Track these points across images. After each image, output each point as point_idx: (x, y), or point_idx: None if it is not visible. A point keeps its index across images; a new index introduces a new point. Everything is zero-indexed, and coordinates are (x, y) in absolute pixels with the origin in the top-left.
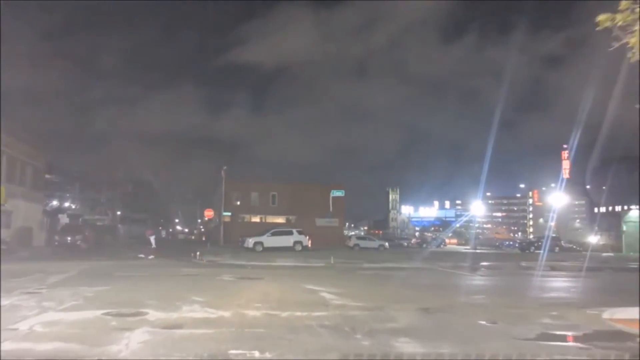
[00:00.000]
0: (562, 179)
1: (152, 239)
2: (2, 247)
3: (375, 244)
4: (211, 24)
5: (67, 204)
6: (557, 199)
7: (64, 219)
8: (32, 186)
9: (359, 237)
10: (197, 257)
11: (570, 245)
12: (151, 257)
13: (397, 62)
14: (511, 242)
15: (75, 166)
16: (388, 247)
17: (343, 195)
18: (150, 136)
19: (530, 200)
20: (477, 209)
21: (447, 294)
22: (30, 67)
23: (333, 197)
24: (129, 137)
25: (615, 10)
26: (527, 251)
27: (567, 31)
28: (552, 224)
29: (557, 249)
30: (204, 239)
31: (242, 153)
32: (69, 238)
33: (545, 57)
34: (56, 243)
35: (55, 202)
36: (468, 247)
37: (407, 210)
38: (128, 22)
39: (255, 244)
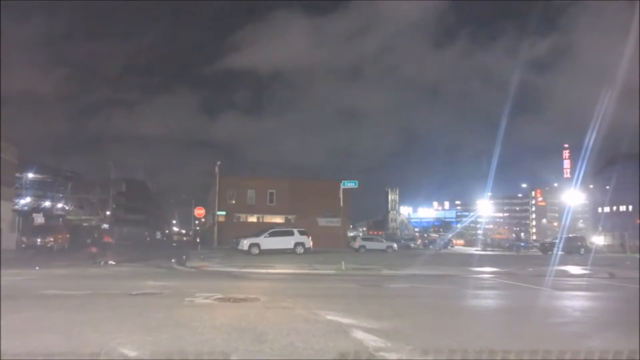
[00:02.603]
0: (578, 176)
1: (106, 242)
2: None
3: (382, 245)
4: (208, 30)
5: (48, 203)
6: (572, 197)
7: (40, 219)
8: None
9: (365, 238)
10: (180, 263)
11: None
12: (101, 262)
13: (392, 66)
14: (523, 243)
15: (71, 167)
16: (396, 248)
17: (356, 186)
18: (148, 139)
19: (533, 200)
20: (484, 208)
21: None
22: (30, 71)
23: (344, 189)
24: (126, 140)
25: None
26: (549, 252)
27: (571, 29)
28: (580, 223)
29: (582, 250)
30: (197, 240)
31: (239, 156)
32: (38, 240)
33: (548, 54)
34: (23, 245)
35: (28, 200)
36: (478, 249)
37: (405, 210)
38: (127, 29)
39: (251, 246)
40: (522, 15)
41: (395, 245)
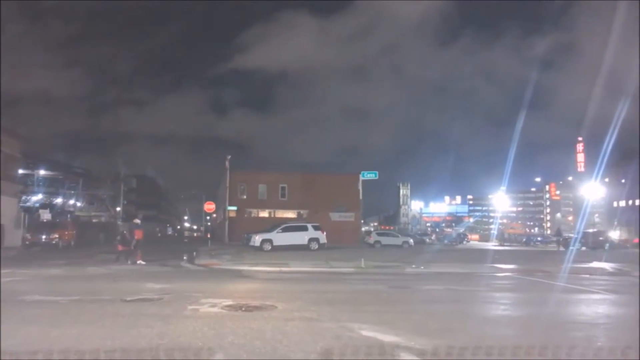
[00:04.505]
0: (599, 169)
1: (135, 240)
2: None
3: (398, 240)
4: (216, 31)
5: (59, 200)
6: (591, 190)
7: (46, 215)
8: (2, 177)
9: (380, 234)
10: (188, 260)
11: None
12: (129, 262)
13: (398, 63)
14: (540, 238)
15: (83, 164)
16: (413, 244)
17: (376, 177)
18: (158, 136)
19: (547, 195)
20: (499, 203)
21: None
22: (45, 72)
23: (363, 181)
24: (137, 137)
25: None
26: (570, 248)
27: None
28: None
29: (607, 245)
30: (208, 236)
31: (248, 153)
32: (43, 236)
33: (556, 50)
34: (27, 242)
35: (39, 197)
36: (495, 244)
37: (417, 205)
38: (138, 30)
39: (263, 242)
40: (529, 11)
41: (411, 240)
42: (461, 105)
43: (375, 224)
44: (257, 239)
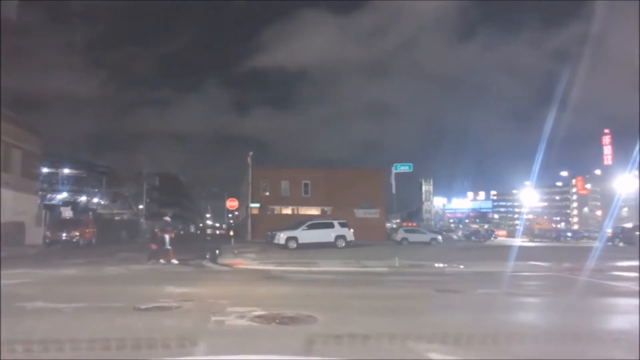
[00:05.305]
0: (634, 161)
1: (167, 238)
2: None
3: (426, 237)
4: (236, 30)
5: (83, 198)
6: (624, 183)
7: (68, 213)
8: (21, 174)
9: (408, 230)
10: (211, 258)
11: None
12: (162, 261)
13: (418, 59)
14: (570, 234)
15: (107, 163)
16: (441, 240)
17: (410, 170)
18: (180, 135)
19: (574, 189)
20: (527, 198)
21: None
22: (70, 74)
23: (396, 174)
24: (159, 136)
25: None
26: (608, 244)
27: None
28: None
29: None
30: (230, 233)
31: (269, 151)
32: (63, 234)
33: (579, 42)
34: (47, 240)
35: (64, 195)
36: (525, 240)
37: (439, 201)
38: (160, 31)
39: (288, 239)
40: (550, 3)
41: (439, 237)
42: (483, 100)
43: (398, 220)
44: (282, 237)
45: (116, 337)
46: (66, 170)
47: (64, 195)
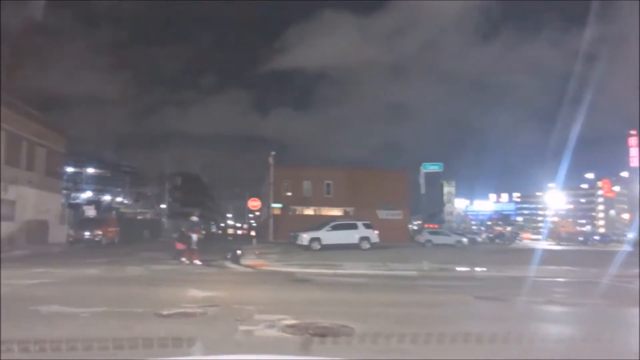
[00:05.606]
0: None
1: (194, 238)
2: None
3: (451, 239)
4: (256, 31)
5: (108, 197)
6: None
7: (91, 211)
8: (45, 172)
9: (432, 232)
10: (233, 259)
11: None
12: (186, 261)
13: (439, 60)
14: (598, 237)
15: (130, 163)
16: (466, 242)
17: (440, 170)
18: (201, 136)
19: (599, 191)
20: (553, 200)
21: None
22: (94, 75)
23: (430, 173)
24: (181, 137)
25: None
26: None
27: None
28: None
29: None
30: (252, 234)
31: (289, 151)
32: (86, 233)
33: (601, 42)
34: (70, 239)
35: (83, 194)
36: (551, 243)
37: (461, 203)
38: (181, 33)
39: (312, 240)
40: (572, 2)
41: (464, 239)
42: (505, 101)
43: (419, 222)
44: (305, 238)
45: (135, 346)
46: (90, 170)
47: (87, 194)
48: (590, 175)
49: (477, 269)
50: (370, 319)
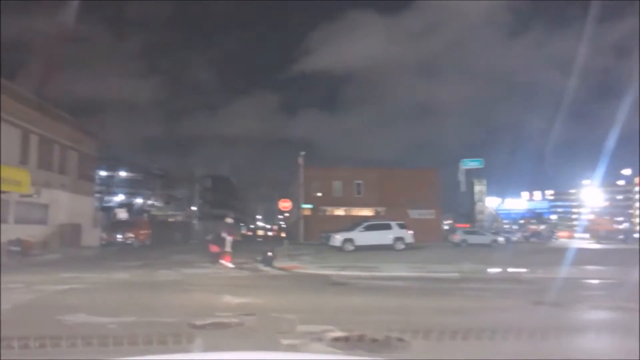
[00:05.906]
0: None
1: (229, 240)
2: (11, 248)
3: (486, 239)
4: (283, 34)
5: (139, 200)
6: None
7: (123, 214)
8: (78, 175)
9: (467, 232)
10: (265, 262)
11: None
12: (227, 264)
13: (467, 57)
14: (637, 235)
15: (161, 166)
16: (503, 242)
17: (481, 166)
18: (230, 138)
19: (637, 188)
20: (590, 197)
21: None
22: (126, 79)
23: (467, 170)
24: (210, 139)
25: None
26: None
27: None
28: None
29: None
30: (282, 235)
31: (319, 152)
32: (119, 236)
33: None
34: (103, 242)
35: (116, 197)
36: (591, 242)
37: (492, 202)
38: (210, 39)
39: (345, 241)
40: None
41: (501, 238)
42: (537, 97)
43: (450, 221)
44: (338, 239)
45: None
46: (122, 173)
47: (119, 197)
48: (627, 171)
49: (520, 270)
50: (425, 331)
